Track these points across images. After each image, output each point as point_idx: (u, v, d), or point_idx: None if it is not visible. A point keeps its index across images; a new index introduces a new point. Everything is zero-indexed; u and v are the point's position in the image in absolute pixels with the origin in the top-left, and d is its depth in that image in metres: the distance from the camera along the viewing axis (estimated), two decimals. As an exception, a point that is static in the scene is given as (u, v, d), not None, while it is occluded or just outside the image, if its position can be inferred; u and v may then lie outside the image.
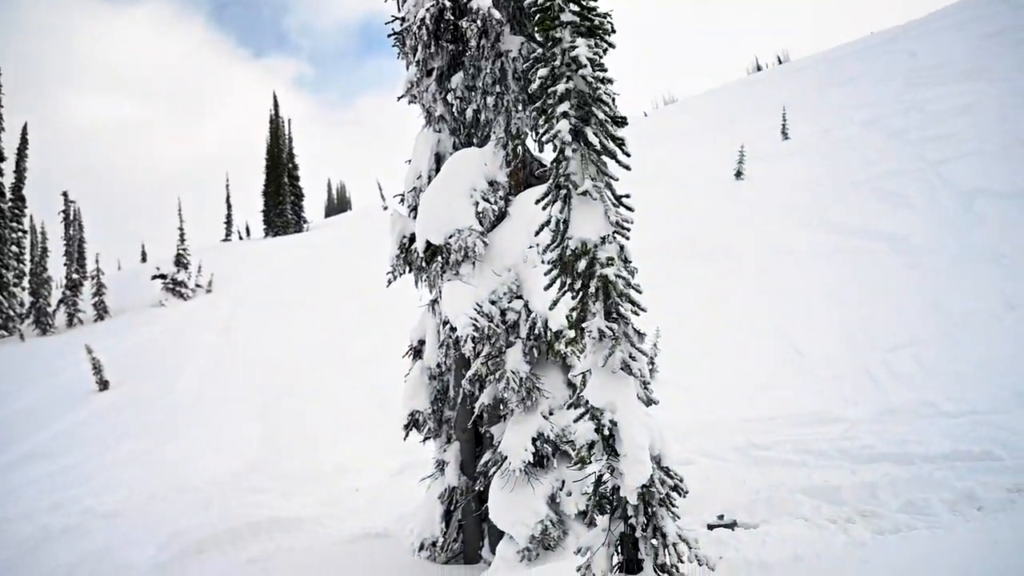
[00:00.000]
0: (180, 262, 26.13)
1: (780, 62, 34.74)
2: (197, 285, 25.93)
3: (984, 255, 12.20)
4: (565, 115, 3.74)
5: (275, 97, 38.43)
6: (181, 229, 27.40)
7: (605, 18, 3.98)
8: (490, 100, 5.94)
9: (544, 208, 3.94)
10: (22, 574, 6.11)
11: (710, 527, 5.12)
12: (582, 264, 3.64)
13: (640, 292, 3.69)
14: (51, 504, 9.48)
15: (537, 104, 3.89)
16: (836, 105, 21.62)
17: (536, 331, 5.52)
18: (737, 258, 15.63)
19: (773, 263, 14.93)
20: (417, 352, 7.03)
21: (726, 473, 6.77)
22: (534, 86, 3.83)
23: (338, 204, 52.77)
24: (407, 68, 6.81)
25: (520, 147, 5.96)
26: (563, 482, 5.74)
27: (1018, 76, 18.09)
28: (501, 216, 5.99)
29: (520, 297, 5.68)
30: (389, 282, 7.03)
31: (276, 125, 37.92)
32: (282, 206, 37.25)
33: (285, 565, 5.96)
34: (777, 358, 11.80)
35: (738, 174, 19.96)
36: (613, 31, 5.21)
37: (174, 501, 8.33)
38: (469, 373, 6.02)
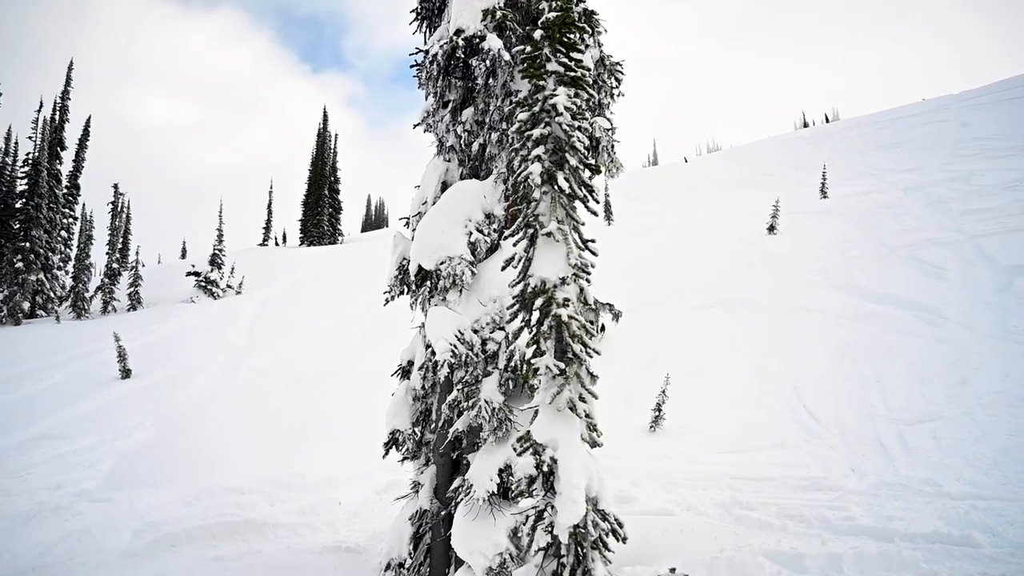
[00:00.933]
0: (215, 262, 27.09)
1: (828, 120, 34.70)
2: (228, 286, 26.79)
3: (1020, 336, 11.88)
4: (539, 159, 3.95)
5: (325, 112, 39.94)
6: (220, 230, 28.47)
7: (590, 71, 4.20)
8: (494, 136, 6.21)
9: (514, 245, 4.13)
10: (5, 544, 6.43)
11: (660, 579, 5.12)
12: (539, 302, 3.80)
13: (592, 335, 3.82)
14: (54, 484, 9.91)
15: (516, 146, 4.12)
16: (879, 168, 21.43)
17: (513, 363, 5.67)
18: (760, 311, 15.51)
19: (797, 321, 14.77)
20: (406, 372, 7.23)
21: (701, 528, 6.73)
22: (512, 128, 4.06)
23: (375, 220, 54.07)
24: (425, 98, 7.16)
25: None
26: (527, 517, 5.80)
27: (1070, 155, 17.71)
28: (494, 248, 6.20)
29: (502, 329, 5.84)
30: (386, 301, 7.28)
31: (323, 139, 39.30)
32: (320, 217, 38.37)
33: (248, 568, 6.14)
34: (789, 418, 11.62)
35: (771, 228, 19.90)
36: (619, 82, 5.43)
37: (164, 493, 8.64)
38: (449, 398, 6.18)
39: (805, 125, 36.07)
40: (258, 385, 16.42)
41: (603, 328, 15.51)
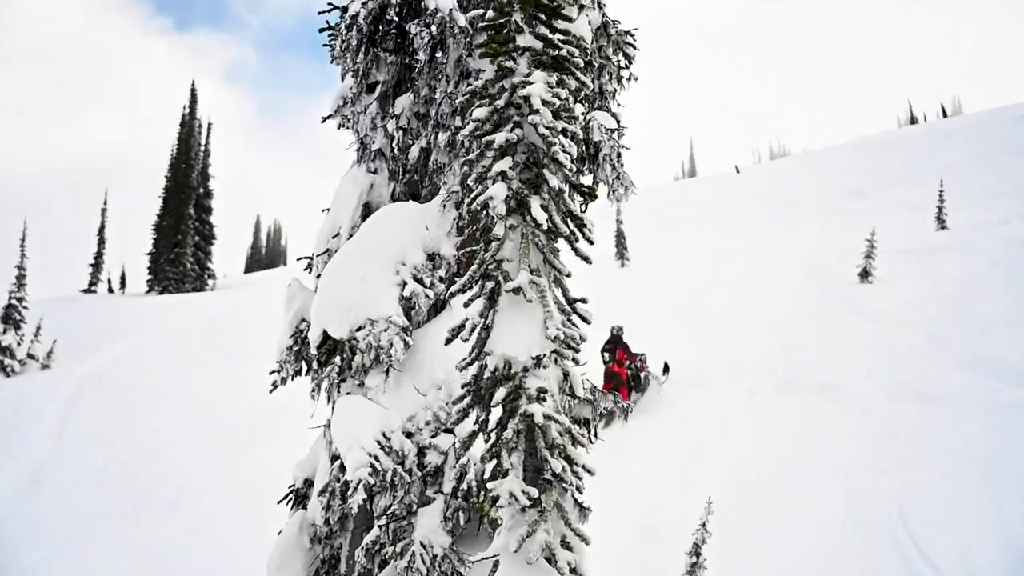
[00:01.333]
0: (9, 318, 26.73)
1: (945, 114, 35.97)
2: (30, 355, 26.45)
3: None
4: (503, 176, 4.02)
5: (193, 89, 40.23)
6: (21, 269, 28.14)
7: (583, 45, 4.33)
8: (443, 137, 6.32)
9: (465, 305, 4.17)
10: None
11: None
12: (500, 394, 3.81)
13: (582, 444, 3.84)
14: None
15: (471, 156, 4.19)
16: (1018, 183, 22.16)
17: (466, 484, 5.65)
18: (848, 400, 15.68)
19: (903, 414, 14.95)
20: (300, 498, 7.14)
21: None
22: (465, 131, 4.14)
23: (267, 255, 54.10)
24: (342, 78, 7.29)
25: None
26: None
27: None
28: (440, 306, 6.24)
29: (451, 431, 5.84)
30: (275, 386, 7.24)
31: (189, 130, 39.49)
32: (180, 249, 38.28)
33: None
34: (892, 561, 11.63)
35: (864, 273, 20.34)
36: (630, 60, 5.62)
37: None
38: (366, 539, 6.11)
39: (913, 121, 37.33)
40: (70, 511, 16.05)
41: (602, 422, 15.54)
